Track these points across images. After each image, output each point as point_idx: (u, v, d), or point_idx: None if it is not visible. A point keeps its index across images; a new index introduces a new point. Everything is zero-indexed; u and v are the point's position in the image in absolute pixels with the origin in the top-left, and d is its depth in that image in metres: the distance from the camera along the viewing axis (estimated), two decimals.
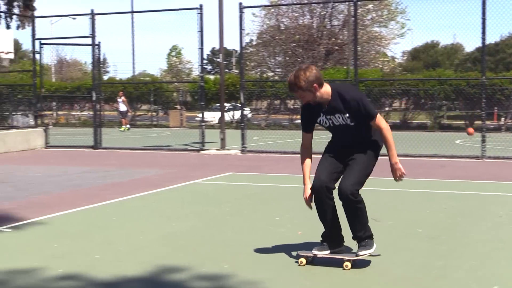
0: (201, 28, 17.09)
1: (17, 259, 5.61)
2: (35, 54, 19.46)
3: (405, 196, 9.51)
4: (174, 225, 7.20)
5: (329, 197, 5.48)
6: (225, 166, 13.53)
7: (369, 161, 5.56)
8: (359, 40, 27.23)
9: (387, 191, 9.98)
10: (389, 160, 5.45)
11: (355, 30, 16.90)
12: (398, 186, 10.63)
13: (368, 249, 5.47)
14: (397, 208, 8.43)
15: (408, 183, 10.98)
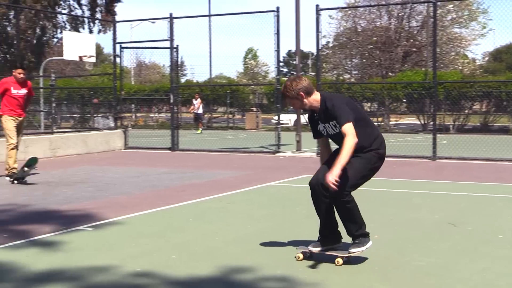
0: (277, 30, 17.12)
1: (96, 257, 5.75)
2: (116, 58, 19.93)
3: (486, 201, 9.24)
4: (249, 227, 7.22)
5: (324, 194, 5.70)
6: (300, 169, 13.49)
7: (364, 165, 5.74)
8: (438, 42, 26.69)
9: (466, 196, 9.73)
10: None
11: (434, 31, 16.56)
12: (478, 190, 10.36)
13: (360, 247, 5.59)
14: (477, 213, 8.20)
15: (489, 188, 10.67)
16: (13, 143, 11.38)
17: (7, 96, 11.44)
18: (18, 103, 11.50)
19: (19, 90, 11.50)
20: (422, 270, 5.33)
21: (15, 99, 11.46)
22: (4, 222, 7.47)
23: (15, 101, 11.46)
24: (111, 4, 47.81)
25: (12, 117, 11.43)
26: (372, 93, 31.53)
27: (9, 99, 11.43)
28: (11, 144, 11.38)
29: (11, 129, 11.38)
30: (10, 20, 43.25)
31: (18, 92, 11.48)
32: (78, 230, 7.00)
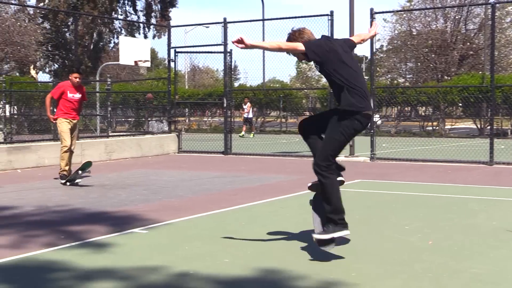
0: (331, 34, 17.03)
1: (149, 259, 5.81)
2: (170, 62, 20.15)
3: None
4: (302, 231, 7.19)
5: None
6: (353, 173, 13.38)
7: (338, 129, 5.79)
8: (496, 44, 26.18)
9: None
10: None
11: (492, 34, 16.23)
12: None
13: (323, 235, 5.66)
14: None
15: None
16: (66, 145, 11.59)
17: (63, 99, 11.70)
18: (72, 107, 11.75)
19: (75, 94, 11.76)
20: (478, 277, 5.22)
21: (70, 102, 11.71)
22: (60, 223, 7.63)
23: (70, 105, 11.71)
24: (166, 10, 48.47)
25: (66, 120, 11.67)
26: (427, 97, 31.09)
27: (65, 102, 11.69)
28: (65, 147, 11.60)
29: (65, 131, 11.60)
30: (68, 27, 44.25)
31: (73, 96, 11.74)
32: (132, 232, 7.09)
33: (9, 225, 7.51)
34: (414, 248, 6.27)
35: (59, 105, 11.77)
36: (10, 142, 15.73)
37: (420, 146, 21.35)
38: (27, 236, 6.86)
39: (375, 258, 5.88)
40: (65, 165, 11.56)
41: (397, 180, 12.27)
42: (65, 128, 11.62)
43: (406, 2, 39.72)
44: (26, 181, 12.02)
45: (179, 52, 20.37)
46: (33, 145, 14.76)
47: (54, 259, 5.82)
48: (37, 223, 7.66)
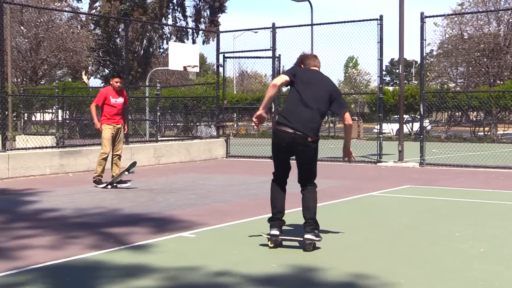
0: (381, 39, 16.89)
1: (197, 263, 5.82)
2: (219, 67, 20.25)
3: None
4: (351, 237, 7.13)
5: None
6: (403, 179, 13.23)
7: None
8: None
9: None
10: None
11: None
12: None
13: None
14: None
15: None
16: (106, 152, 11.72)
17: (106, 105, 11.81)
18: (115, 112, 11.85)
19: (117, 99, 11.85)
20: None
21: (114, 107, 11.82)
22: (109, 226, 7.72)
23: (113, 110, 11.81)
24: (215, 15, 48.82)
25: (110, 126, 11.77)
26: (479, 102, 30.54)
27: (108, 108, 11.80)
28: (104, 153, 11.73)
29: (107, 138, 11.70)
30: (119, 33, 44.95)
31: (116, 100, 11.83)
32: (180, 236, 7.13)
33: (60, 227, 7.64)
34: (465, 255, 6.16)
35: (102, 111, 11.86)
36: (62, 147, 16.03)
37: (471, 152, 20.98)
38: (77, 237, 6.97)
39: (425, 264, 5.79)
40: (102, 171, 11.70)
41: (447, 186, 12.08)
42: (107, 135, 11.71)
43: (457, 6, 39.14)
44: (77, 184, 12.22)
45: (228, 57, 20.47)
46: (84, 149, 15.01)
47: (103, 261, 5.89)
48: (86, 225, 7.77)
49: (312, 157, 6.83)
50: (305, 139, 6.49)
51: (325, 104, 6.61)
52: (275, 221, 6.63)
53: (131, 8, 44.77)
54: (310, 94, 6.52)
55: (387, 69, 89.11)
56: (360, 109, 40.67)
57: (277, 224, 6.60)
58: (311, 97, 6.51)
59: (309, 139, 6.51)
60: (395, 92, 34.49)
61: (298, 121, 6.46)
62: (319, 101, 6.55)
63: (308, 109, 6.47)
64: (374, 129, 33.82)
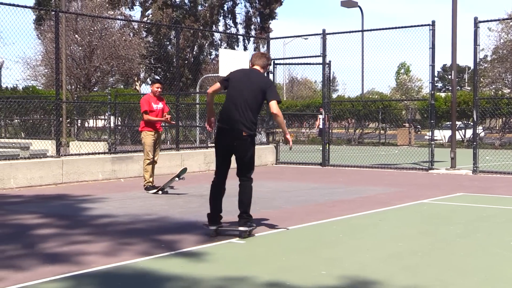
0: (433, 44, 16.68)
1: (247, 269, 5.84)
2: (269, 74, 20.28)
3: None
4: (401, 245, 7.04)
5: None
6: (455, 186, 13.02)
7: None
8: None
9: None
10: None
11: None
12: None
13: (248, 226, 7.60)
14: None
15: None
16: (149, 158, 11.78)
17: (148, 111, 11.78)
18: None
19: (157, 105, 11.87)
20: None
21: (155, 113, 11.82)
22: (160, 232, 7.80)
23: (154, 116, 11.81)
24: (266, 22, 48.98)
25: (151, 132, 11.82)
26: None
27: (149, 114, 11.78)
28: (147, 159, 11.79)
29: (149, 144, 11.76)
30: (170, 40, 45.48)
31: (157, 107, 11.85)
32: (230, 242, 7.16)
33: (112, 232, 7.75)
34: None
35: (144, 118, 11.86)
36: (114, 152, 16.28)
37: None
38: (129, 244, 7.05)
39: (478, 273, 5.68)
40: (150, 177, 11.82)
41: (501, 194, 11.83)
42: (149, 141, 11.76)
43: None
44: (129, 190, 12.39)
45: (278, 63, 20.49)
46: (135, 155, 15.21)
47: (153, 268, 5.95)
48: (138, 231, 7.86)
49: (248, 150, 7.82)
50: (241, 134, 7.52)
51: (256, 100, 7.52)
52: (214, 219, 7.68)
53: (182, 16, 45.28)
54: (239, 94, 7.47)
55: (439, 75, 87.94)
56: (412, 115, 40.18)
57: (215, 221, 7.65)
58: (240, 97, 7.46)
59: (244, 134, 7.54)
60: (447, 98, 33.99)
61: (232, 121, 7.49)
62: (249, 99, 7.46)
63: (238, 109, 7.44)
64: (426, 136, 33.37)
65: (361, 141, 36.40)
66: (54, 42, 14.72)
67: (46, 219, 8.80)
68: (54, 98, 14.69)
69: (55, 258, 6.31)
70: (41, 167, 13.03)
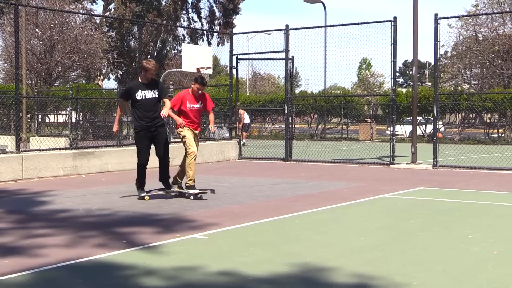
0: (394, 40, 16.84)
1: (209, 265, 5.83)
2: (232, 69, 20.28)
3: None
4: (363, 239, 7.11)
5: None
6: (416, 181, 13.19)
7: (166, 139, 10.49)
8: None
9: None
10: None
11: None
12: None
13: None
14: None
15: None
16: (193, 151, 10.57)
17: (181, 110, 10.75)
18: (191, 119, 10.77)
19: (194, 105, 10.74)
20: None
21: (189, 113, 10.72)
22: (121, 227, 7.75)
23: (188, 116, 10.73)
24: (229, 17, 48.91)
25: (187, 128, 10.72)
26: (493, 104, 30.39)
27: (183, 113, 10.76)
28: (192, 153, 10.56)
29: (189, 137, 10.61)
30: (133, 35, 45.12)
31: (193, 106, 10.71)
32: (192, 237, 7.14)
33: (73, 227, 7.67)
34: (478, 258, 6.13)
35: (180, 117, 10.70)
36: (75, 148, 16.09)
37: (485, 154, 20.87)
38: (89, 238, 7.00)
39: (437, 267, 5.77)
40: (193, 174, 10.55)
41: (461, 188, 12.02)
42: (189, 134, 10.59)
43: (472, 7, 38.98)
44: (91, 186, 12.28)
45: (241, 59, 20.48)
46: (97, 151, 15.07)
47: (114, 262, 5.91)
48: (99, 226, 7.80)
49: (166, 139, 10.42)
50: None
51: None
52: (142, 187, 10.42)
53: (145, 10, 44.92)
54: None
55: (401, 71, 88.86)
56: (373, 111, 40.56)
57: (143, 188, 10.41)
58: None
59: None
60: (409, 94, 34.38)
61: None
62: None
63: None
64: (387, 131, 33.73)
65: (324, 136, 36.63)
66: (14, 36, 14.48)
67: (3, 214, 8.68)
68: (14, 93, 14.47)
69: (12, 252, 6.24)
70: (0, 163, 12.82)
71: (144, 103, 10.13)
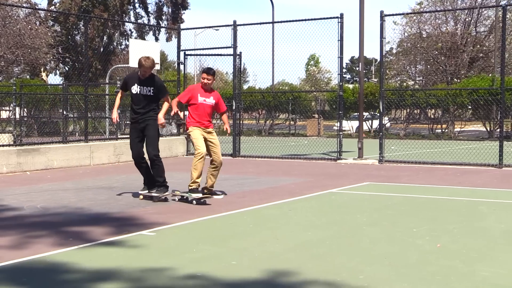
0: (341, 37, 17.02)
1: (157, 261, 5.81)
2: (180, 65, 20.18)
3: None
4: (310, 234, 7.18)
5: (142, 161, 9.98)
6: (362, 176, 13.37)
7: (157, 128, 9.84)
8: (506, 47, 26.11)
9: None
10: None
11: (503, 36, 16.13)
12: None
13: (160, 193, 9.72)
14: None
15: None
16: (201, 152, 9.59)
17: (192, 104, 9.92)
18: (202, 114, 9.91)
19: (206, 98, 9.89)
20: (487, 281, 5.20)
21: (199, 107, 9.87)
22: (68, 225, 7.65)
23: (199, 111, 9.88)
24: (178, 12, 48.59)
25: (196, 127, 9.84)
26: (437, 100, 31.03)
27: (193, 108, 9.91)
28: (199, 154, 9.58)
29: (197, 137, 9.69)
30: (79, 29, 44.43)
31: (204, 100, 9.87)
32: (140, 234, 7.10)
33: (17, 226, 7.53)
34: (422, 251, 6.25)
35: (189, 112, 9.92)
36: (19, 145, 15.79)
37: (429, 149, 21.29)
38: (35, 237, 6.88)
39: (383, 260, 5.87)
40: (197, 177, 9.58)
41: (406, 183, 12.24)
42: (197, 134, 9.68)
43: (416, 5, 39.68)
44: (36, 183, 12.06)
45: (189, 54, 20.40)
46: (42, 147, 14.81)
47: (61, 261, 5.83)
48: (45, 224, 7.68)
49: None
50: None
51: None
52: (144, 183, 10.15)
53: (91, 5, 44.27)
54: None
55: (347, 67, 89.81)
56: (321, 106, 40.93)
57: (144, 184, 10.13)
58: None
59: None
60: (355, 90, 34.80)
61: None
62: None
63: None
64: (334, 127, 34.08)
65: (272, 132, 36.79)
66: None
67: None
68: None
69: None
70: None
71: (137, 98, 9.83)
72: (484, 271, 5.47)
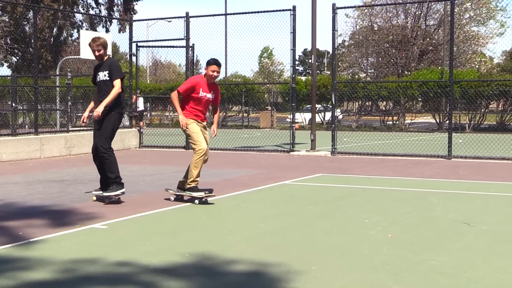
0: (293, 29, 17.09)
1: (109, 255, 5.76)
2: (132, 57, 19.98)
3: (501, 200, 9.17)
4: (263, 225, 7.21)
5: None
6: (315, 168, 13.47)
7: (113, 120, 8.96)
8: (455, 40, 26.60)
9: (482, 195, 9.68)
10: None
11: (452, 30, 16.44)
12: (493, 190, 10.27)
13: (112, 192, 8.80)
14: (492, 213, 8.14)
15: (505, 187, 10.60)
16: (203, 148, 8.95)
17: (191, 96, 9.11)
18: (201, 108, 9.21)
19: (207, 93, 9.11)
20: (436, 269, 5.30)
21: (199, 101, 9.12)
22: (19, 219, 7.52)
23: (199, 105, 9.13)
24: (130, 3, 48.03)
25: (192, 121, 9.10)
26: (388, 92, 31.44)
27: (192, 100, 9.14)
28: (200, 150, 8.94)
29: (196, 131, 8.99)
30: (28, 20, 43.57)
31: (205, 95, 9.09)
32: (92, 227, 7.03)
33: None
34: (373, 241, 6.34)
35: (184, 104, 9.13)
36: None
37: (381, 141, 21.58)
38: None
39: (335, 251, 5.93)
40: (198, 175, 8.98)
41: (358, 174, 12.39)
42: (196, 128, 8.98)
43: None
44: None
45: (141, 46, 20.22)
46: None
47: (8, 256, 5.73)
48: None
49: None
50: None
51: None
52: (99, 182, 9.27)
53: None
54: None
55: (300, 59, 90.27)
56: (274, 99, 41.05)
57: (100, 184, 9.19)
58: None
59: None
60: (308, 82, 35.02)
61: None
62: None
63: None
64: (287, 119, 34.23)
65: (225, 124, 36.76)
66: None
67: None
68: None
69: None
70: None
71: (98, 86, 9.03)
72: (432, 260, 5.58)
